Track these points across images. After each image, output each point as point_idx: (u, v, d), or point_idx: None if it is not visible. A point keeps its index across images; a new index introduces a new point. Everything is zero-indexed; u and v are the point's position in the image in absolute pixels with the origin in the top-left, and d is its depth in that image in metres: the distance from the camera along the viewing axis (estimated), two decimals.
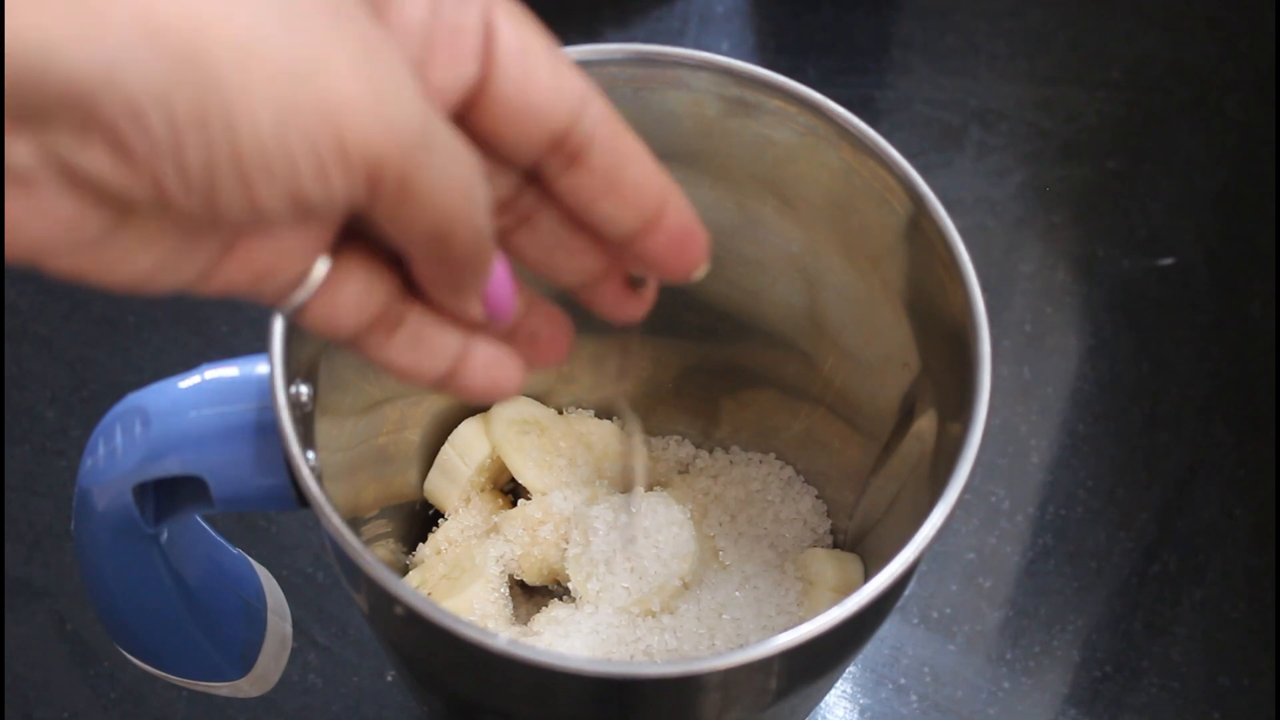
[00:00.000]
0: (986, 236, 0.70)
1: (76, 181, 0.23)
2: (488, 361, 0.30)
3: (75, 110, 0.22)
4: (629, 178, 0.29)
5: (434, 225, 0.26)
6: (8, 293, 0.66)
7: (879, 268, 0.44)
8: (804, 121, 0.42)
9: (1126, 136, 0.74)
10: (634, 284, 0.32)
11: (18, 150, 0.22)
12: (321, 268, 0.27)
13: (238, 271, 0.27)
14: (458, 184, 0.26)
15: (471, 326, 0.30)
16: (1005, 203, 0.71)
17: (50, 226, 0.24)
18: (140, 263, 0.25)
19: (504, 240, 0.31)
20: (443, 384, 0.30)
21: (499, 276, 0.29)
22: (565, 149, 0.28)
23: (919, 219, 0.41)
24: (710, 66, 0.42)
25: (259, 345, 0.37)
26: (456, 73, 0.27)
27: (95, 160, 0.23)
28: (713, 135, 0.44)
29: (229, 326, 0.66)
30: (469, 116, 0.28)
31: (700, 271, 0.31)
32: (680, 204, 0.30)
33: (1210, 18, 0.78)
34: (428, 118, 0.25)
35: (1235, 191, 0.72)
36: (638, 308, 0.33)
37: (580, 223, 0.30)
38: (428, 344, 0.30)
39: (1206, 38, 0.77)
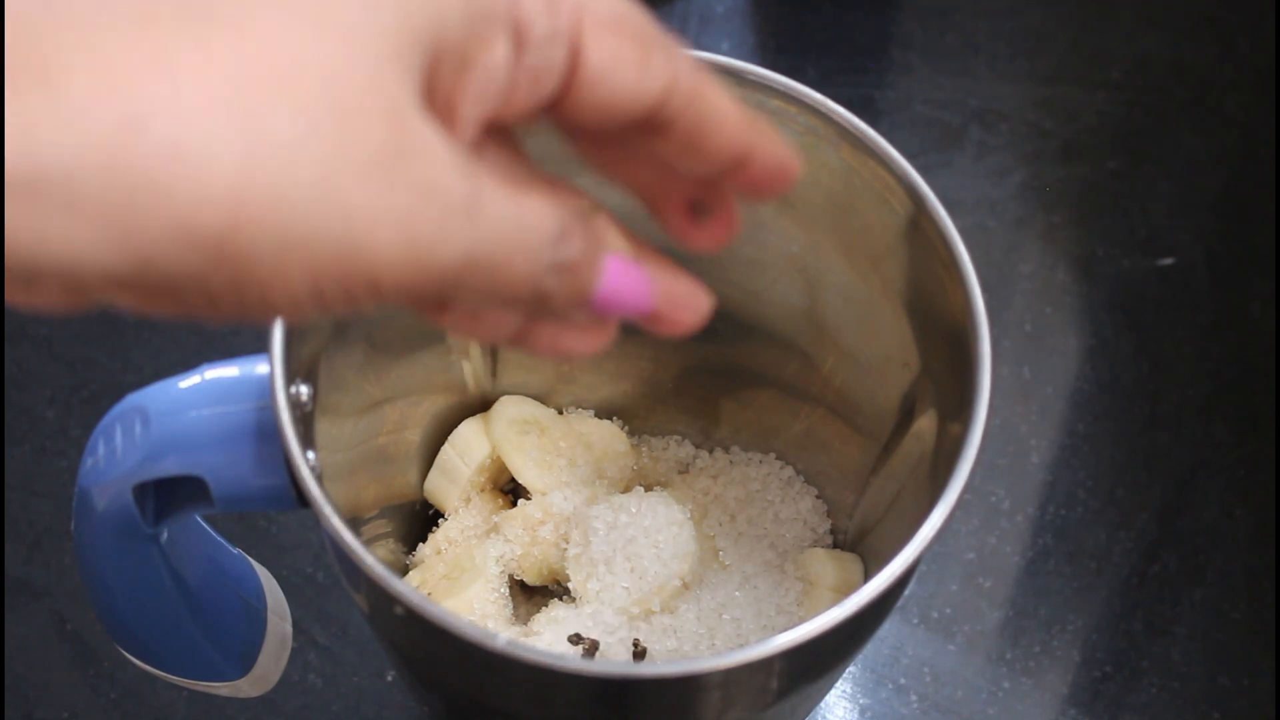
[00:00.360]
0: (986, 236, 0.70)
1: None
2: (555, 330, 0.29)
3: (109, 285, 0.22)
4: (712, 143, 0.28)
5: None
6: None
7: (879, 268, 0.44)
8: (804, 121, 0.42)
9: (1126, 136, 0.74)
10: (696, 210, 0.31)
11: (45, 287, 0.22)
12: None
13: None
14: (508, 283, 0.25)
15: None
16: (1005, 203, 0.71)
17: (68, 308, 0.23)
18: None
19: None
20: (506, 344, 0.30)
21: (615, 278, 0.28)
22: (645, 127, 0.28)
23: (919, 219, 0.41)
24: (710, 66, 0.42)
25: (259, 345, 0.37)
26: (533, 97, 0.27)
27: (124, 300, 0.22)
28: None
29: (229, 326, 0.66)
30: (544, 108, 0.27)
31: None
32: (769, 146, 0.29)
33: (1210, 18, 0.78)
34: (475, 245, 0.24)
35: (1235, 191, 0.72)
36: (707, 239, 0.31)
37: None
38: (485, 321, 0.29)
39: (1206, 38, 0.77)
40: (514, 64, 0.26)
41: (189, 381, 0.40)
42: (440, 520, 0.53)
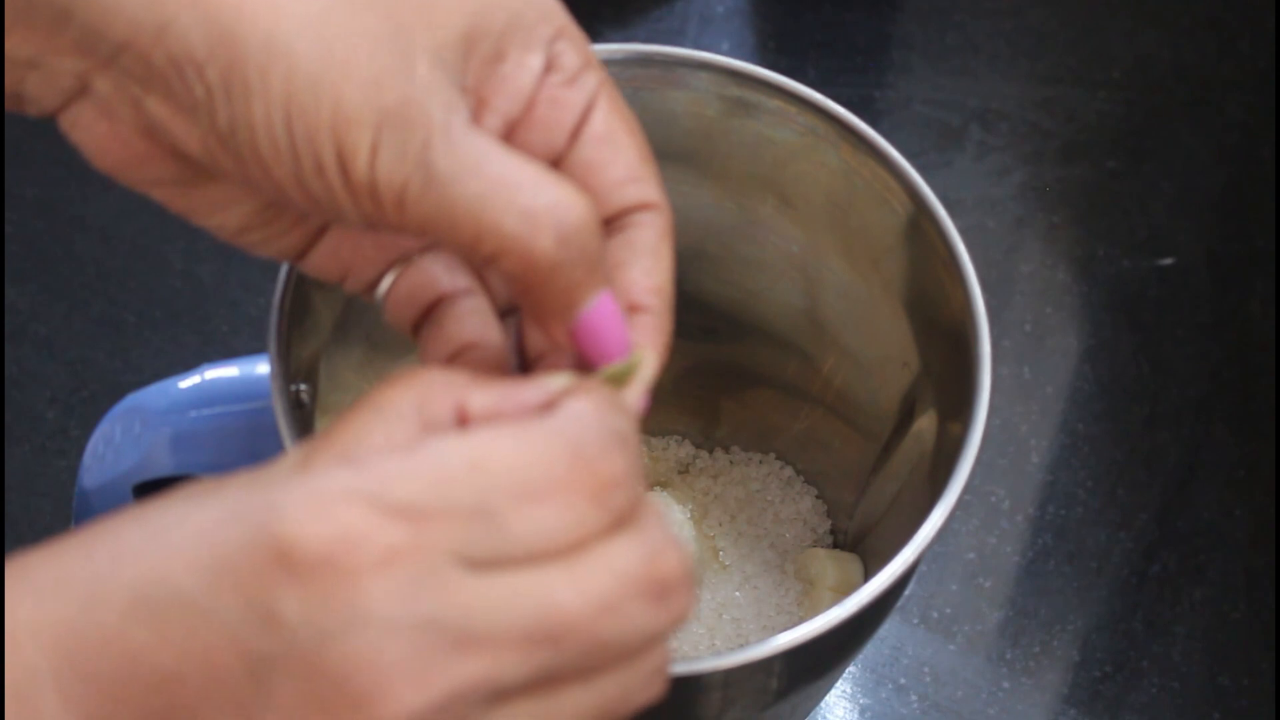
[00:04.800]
0: (986, 236, 0.70)
1: (147, 126, 0.28)
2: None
3: (137, 60, 0.27)
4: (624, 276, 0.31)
5: (464, 242, 0.27)
6: (8, 293, 0.66)
7: (879, 268, 0.44)
8: (804, 121, 0.42)
9: (1126, 136, 0.74)
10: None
11: (100, 83, 0.28)
12: (386, 282, 0.31)
13: (326, 261, 0.32)
14: (473, 207, 0.27)
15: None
16: (1005, 203, 0.71)
17: (126, 154, 0.29)
18: (227, 219, 0.30)
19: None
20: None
21: (601, 312, 0.29)
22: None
23: (919, 219, 0.41)
24: (710, 66, 0.42)
25: (259, 345, 0.37)
26: (544, 136, 0.29)
27: (156, 107, 0.27)
28: (713, 135, 0.44)
29: (229, 326, 0.66)
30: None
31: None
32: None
33: (1210, 18, 0.78)
34: (450, 152, 0.27)
35: (1235, 191, 0.72)
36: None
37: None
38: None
39: (1206, 38, 0.77)
40: (541, 80, 0.28)
41: (189, 381, 0.40)
42: None
